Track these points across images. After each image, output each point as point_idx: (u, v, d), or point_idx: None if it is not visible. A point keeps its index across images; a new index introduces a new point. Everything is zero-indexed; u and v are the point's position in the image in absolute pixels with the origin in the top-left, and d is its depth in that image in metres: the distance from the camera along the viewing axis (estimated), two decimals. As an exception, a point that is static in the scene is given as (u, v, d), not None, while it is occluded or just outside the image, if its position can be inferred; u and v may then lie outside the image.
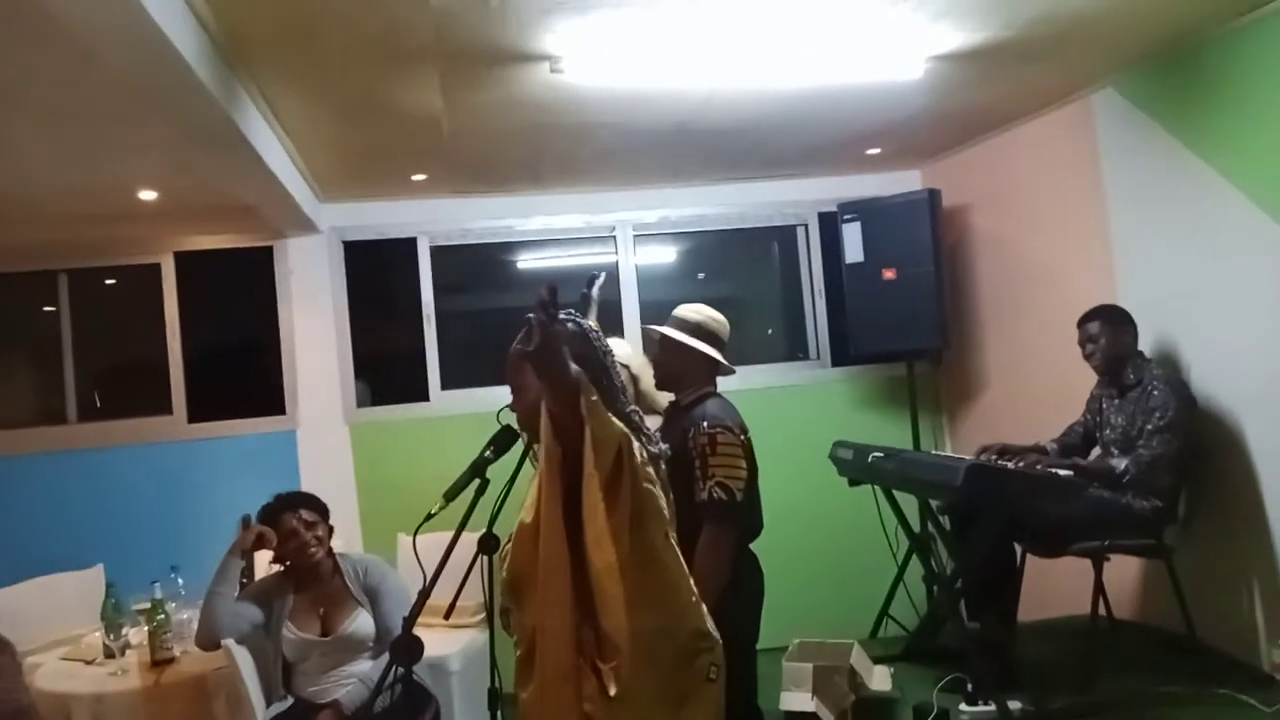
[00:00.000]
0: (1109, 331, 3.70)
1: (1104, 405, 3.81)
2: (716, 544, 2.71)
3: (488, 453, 2.14)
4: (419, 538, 2.02)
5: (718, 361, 2.97)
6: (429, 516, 2.09)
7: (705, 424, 2.80)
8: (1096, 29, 3.36)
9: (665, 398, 3.12)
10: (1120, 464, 3.53)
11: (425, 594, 2.03)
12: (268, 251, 5.08)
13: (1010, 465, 3.49)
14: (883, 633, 4.52)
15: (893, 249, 4.94)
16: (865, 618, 4.57)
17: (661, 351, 3.01)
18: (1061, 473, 3.41)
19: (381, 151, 4.23)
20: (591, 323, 2.06)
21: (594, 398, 1.82)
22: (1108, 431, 3.75)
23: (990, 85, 3.92)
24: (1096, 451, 3.82)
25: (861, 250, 5.02)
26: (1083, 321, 3.78)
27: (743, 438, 2.84)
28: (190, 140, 3.27)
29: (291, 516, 3.22)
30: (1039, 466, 3.51)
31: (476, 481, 2.14)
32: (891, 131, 4.56)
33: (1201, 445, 3.63)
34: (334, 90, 3.37)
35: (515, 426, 2.13)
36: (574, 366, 1.84)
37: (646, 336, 3.15)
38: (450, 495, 2.10)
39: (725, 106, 3.89)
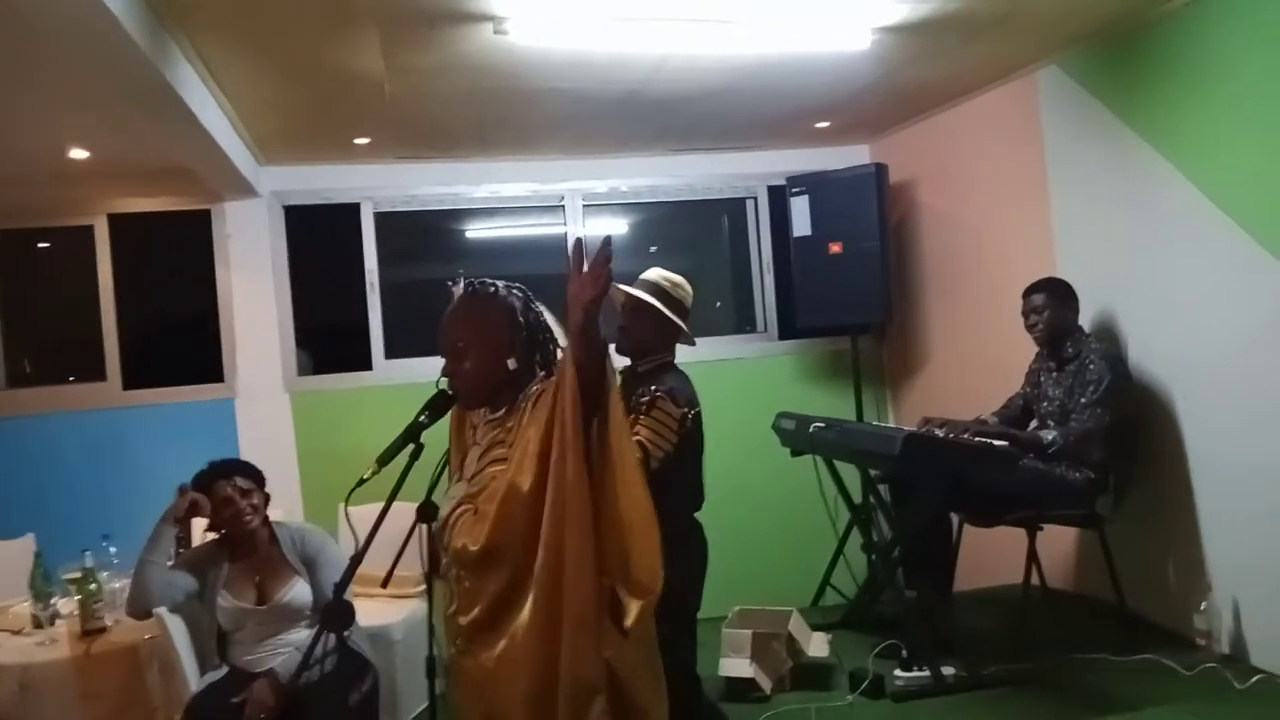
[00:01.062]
0: (1053, 304, 3.75)
1: (1042, 378, 3.87)
2: None
3: (422, 417, 2.10)
4: (359, 508, 1.99)
5: (681, 330, 2.95)
6: (361, 482, 2.05)
7: (653, 388, 2.77)
8: (1042, 4, 3.39)
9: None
10: (1048, 435, 3.60)
11: (357, 560, 2.00)
12: (206, 215, 4.95)
13: (946, 435, 3.53)
14: (824, 601, 4.58)
15: (840, 223, 4.97)
16: (807, 586, 4.62)
17: (630, 316, 2.92)
18: (997, 443, 3.47)
19: (323, 113, 4.14)
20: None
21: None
22: (1045, 404, 3.82)
23: (937, 59, 3.94)
24: (1035, 424, 3.89)
25: (809, 224, 5.04)
26: (1028, 292, 3.83)
27: (689, 413, 2.81)
28: (121, 98, 3.17)
29: (226, 484, 3.15)
30: (975, 437, 3.57)
31: (411, 447, 2.11)
32: (840, 105, 4.57)
33: (1135, 419, 3.72)
34: (271, 48, 3.29)
35: (450, 391, 2.10)
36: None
37: (612, 297, 3.07)
38: (383, 460, 2.06)
39: (674, 75, 3.86)
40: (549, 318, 2.13)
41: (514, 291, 2.10)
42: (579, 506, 1.78)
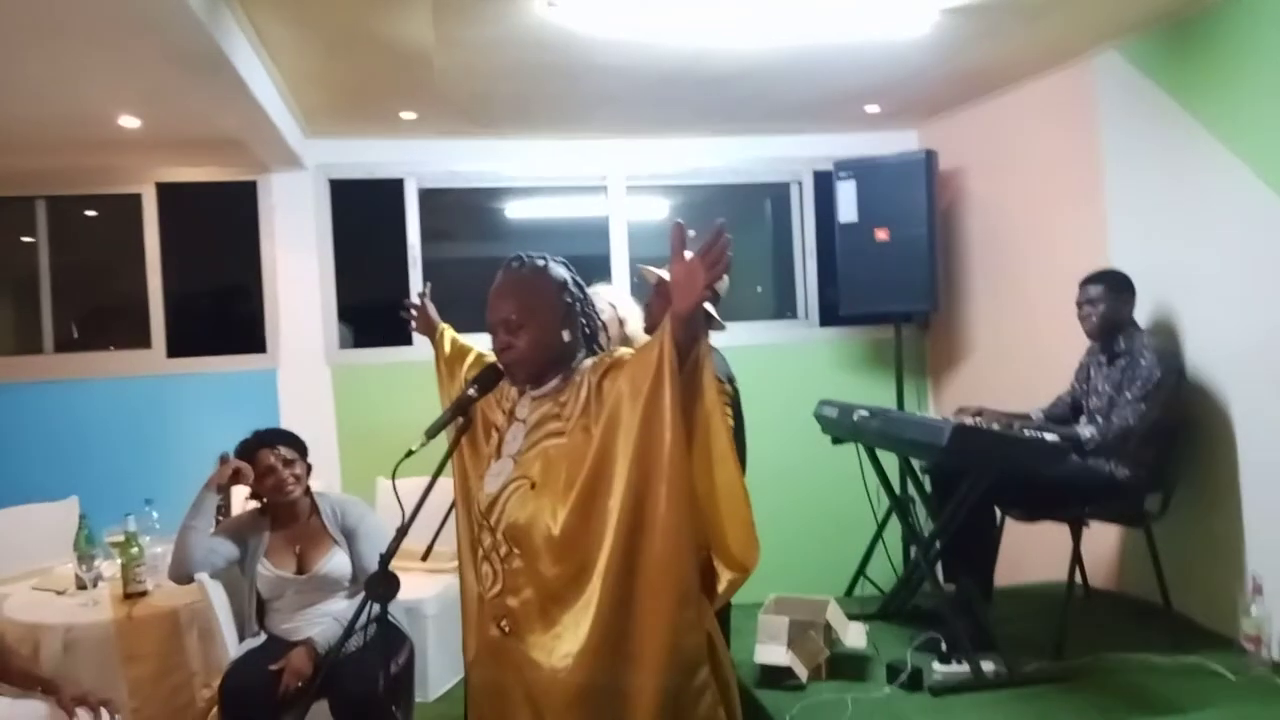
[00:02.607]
0: (1110, 297, 3.65)
1: (1092, 372, 3.79)
2: None
3: (471, 391, 2.09)
4: (400, 481, 1.98)
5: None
6: (409, 454, 2.05)
7: None
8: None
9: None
10: (1086, 432, 3.52)
11: (403, 531, 1.99)
12: (251, 186, 4.97)
13: (995, 427, 3.47)
14: (858, 592, 4.53)
15: (887, 210, 4.89)
16: (841, 576, 4.57)
17: (656, 296, 2.97)
18: (1049, 437, 3.40)
19: (370, 86, 4.13)
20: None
21: None
22: (1094, 399, 3.74)
23: (995, 42, 3.85)
24: (1084, 419, 3.81)
25: (855, 210, 4.96)
26: (1085, 283, 3.72)
27: (727, 388, 2.81)
28: (173, 64, 3.17)
29: (269, 453, 3.18)
30: (1024, 430, 3.50)
31: (459, 420, 2.10)
32: (893, 88, 4.49)
33: (1188, 415, 3.63)
34: (323, 17, 3.27)
35: (499, 365, 2.08)
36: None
37: (643, 277, 3.11)
38: (431, 432, 2.05)
39: (725, 54, 3.81)
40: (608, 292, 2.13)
41: (561, 264, 2.09)
42: (678, 483, 1.76)
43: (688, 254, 1.74)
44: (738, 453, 2.83)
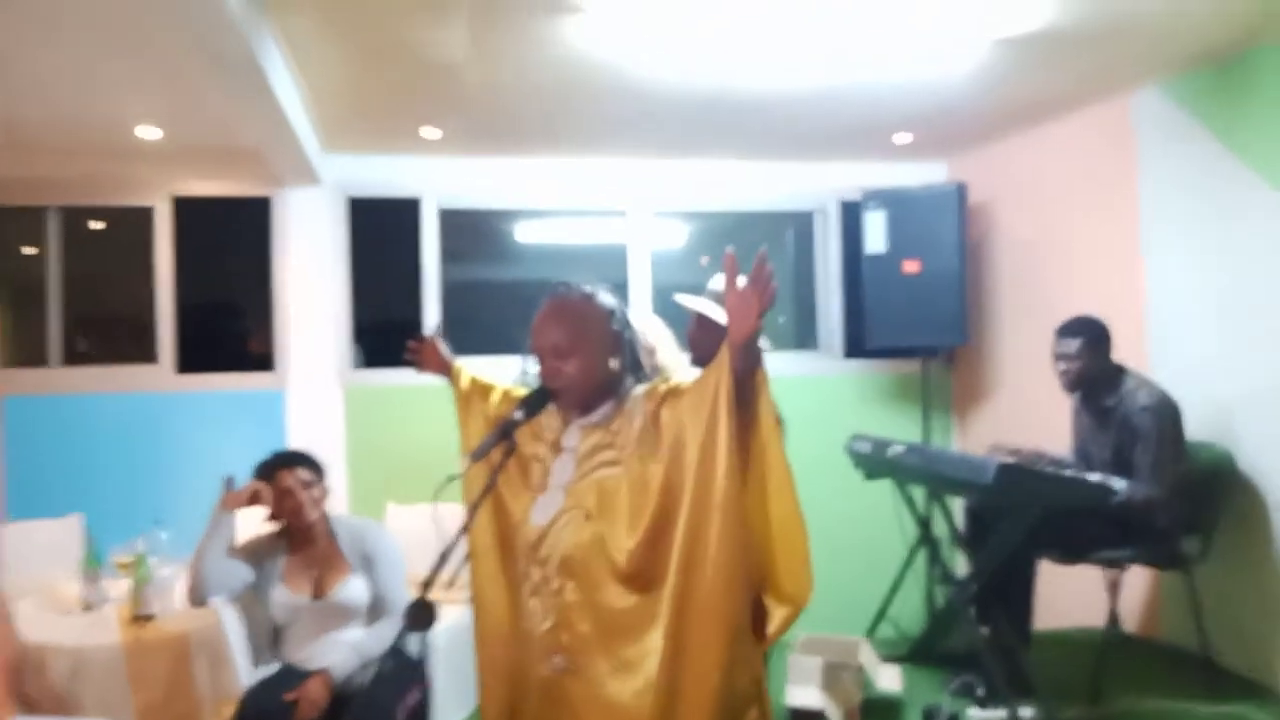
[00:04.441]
0: (1088, 352, 3.49)
1: (1087, 423, 3.67)
2: None
3: (518, 414, 2.00)
4: (410, 507, 1.90)
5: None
6: (451, 478, 1.99)
7: None
8: (1154, 21, 3.24)
9: (682, 371, 3.03)
10: (1118, 485, 3.36)
11: (444, 557, 1.89)
12: (266, 203, 4.88)
13: (1041, 468, 3.37)
14: (878, 633, 4.41)
15: (916, 242, 4.81)
16: (862, 614, 4.45)
17: (698, 329, 2.98)
18: (1093, 478, 3.30)
19: (396, 100, 4.05)
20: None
21: None
22: (1095, 450, 3.62)
23: (1038, 75, 3.79)
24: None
25: (884, 241, 4.88)
26: (1063, 334, 3.55)
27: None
28: (203, 64, 3.08)
29: (288, 475, 3.07)
30: (1067, 472, 3.40)
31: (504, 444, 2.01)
32: (928, 119, 4.42)
33: (1228, 461, 3.54)
34: (357, 27, 3.20)
35: (548, 389, 2.00)
36: None
37: (685, 308, 3.08)
38: (476, 456, 1.97)
39: (760, 83, 3.75)
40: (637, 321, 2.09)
41: (608, 293, 2.04)
42: (730, 516, 1.72)
43: (740, 280, 1.72)
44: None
